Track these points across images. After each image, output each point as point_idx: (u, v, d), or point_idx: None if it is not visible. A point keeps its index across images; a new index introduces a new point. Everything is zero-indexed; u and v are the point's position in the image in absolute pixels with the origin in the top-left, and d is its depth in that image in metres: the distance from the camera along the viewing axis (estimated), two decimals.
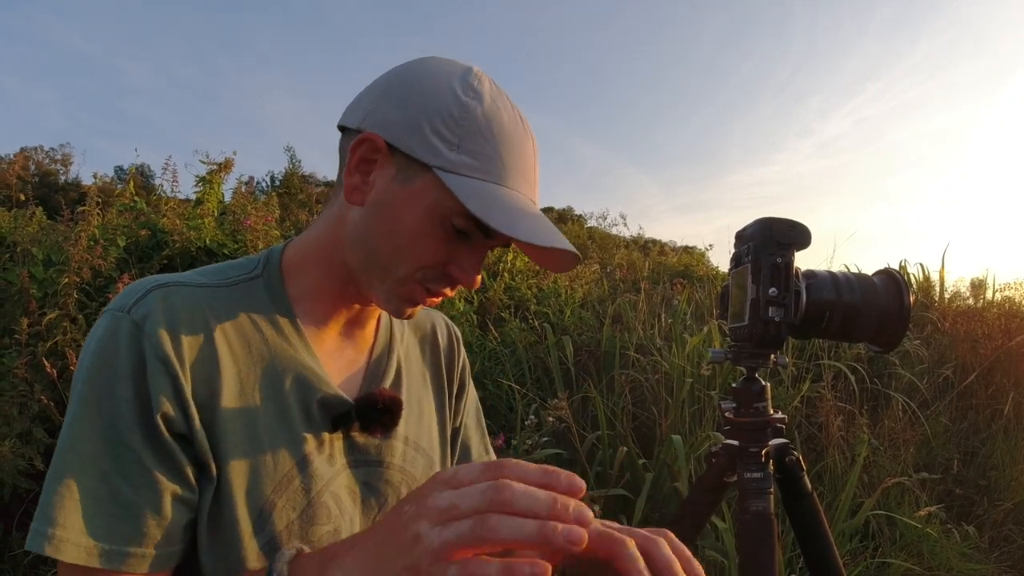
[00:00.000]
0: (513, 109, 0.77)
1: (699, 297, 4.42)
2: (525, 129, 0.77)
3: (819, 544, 1.12)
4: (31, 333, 2.39)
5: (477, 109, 0.73)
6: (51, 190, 16.00)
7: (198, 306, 0.73)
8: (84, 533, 0.63)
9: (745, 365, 1.12)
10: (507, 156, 0.74)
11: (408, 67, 0.78)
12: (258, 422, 0.74)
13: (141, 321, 0.68)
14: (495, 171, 0.73)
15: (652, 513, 2.33)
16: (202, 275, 0.78)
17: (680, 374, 2.85)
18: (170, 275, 0.77)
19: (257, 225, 3.18)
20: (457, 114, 0.72)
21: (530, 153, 0.77)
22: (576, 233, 11.55)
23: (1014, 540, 3.00)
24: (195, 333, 0.72)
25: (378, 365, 0.89)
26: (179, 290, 0.73)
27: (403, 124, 0.73)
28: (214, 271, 0.80)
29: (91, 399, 0.66)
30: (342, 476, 0.81)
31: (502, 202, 0.71)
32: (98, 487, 0.65)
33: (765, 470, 1.08)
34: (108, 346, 0.67)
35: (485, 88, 0.75)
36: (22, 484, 2.25)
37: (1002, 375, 3.94)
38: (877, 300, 1.07)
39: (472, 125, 0.72)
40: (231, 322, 0.76)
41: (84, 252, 2.61)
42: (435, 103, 0.73)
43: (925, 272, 5.39)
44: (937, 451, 3.42)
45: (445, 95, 0.73)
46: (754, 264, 1.05)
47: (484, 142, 0.72)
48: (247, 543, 0.72)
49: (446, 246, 0.74)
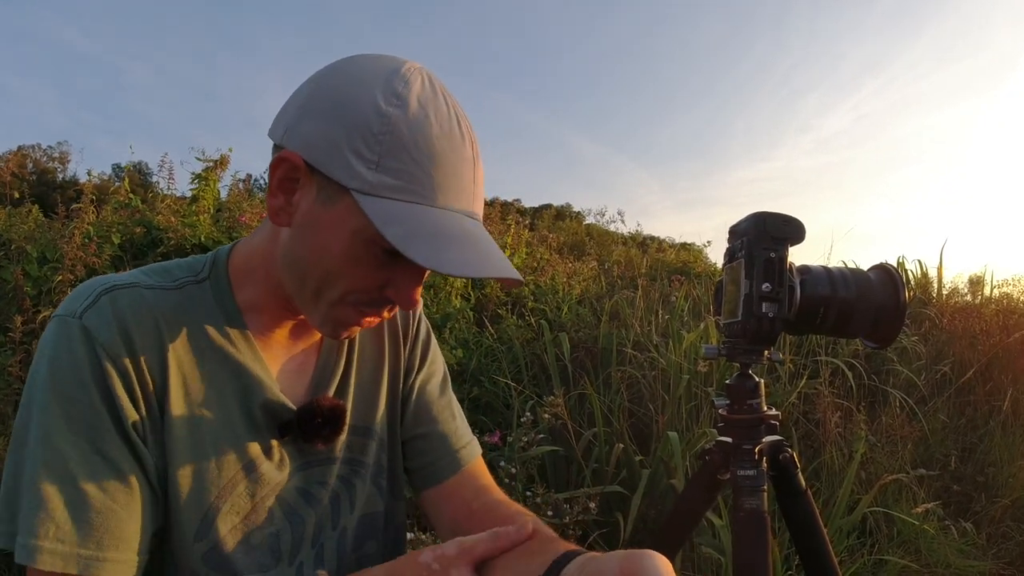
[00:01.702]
0: (449, 110, 0.69)
1: (697, 294, 4.42)
2: (462, 133, 0.69)
3: (814, 542, 1.11)
4: (25, 331, 2.38)
5: (400, 119, 0.65)
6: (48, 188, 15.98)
7: (147, 310, 0.72)
8: (61, 541, 0.62)
9: (739, 361, 1.11)
10: (436, 170, 0.66)
11: (332, 71, 0.71)
12: (203, 428, 0.73)
13: (93, 328, 0.67)
14: (420, 190, 0.66)
15: (648, 510, 2.32)
16: (148, 275, 0.76)
17: (677, 371, 2.84)
18: (118, 276, 0.75)
19: (252, 222, 3.17)
20: (376, 128, 0.65)
21: (467, 160, 0.69)
22: (574, 230, 11.54)
23: (1012, 537, 2.99)
24: (145, 339, 0.70)
25: (326, 366, 0.87)
26: (128, 293, 0.71)
27: (321, 142, 0.67)
28: (159, 271, 0.78)
29: (56, 407, 0.65)
30: (294, 479, 0.81)
31: (427, 227, 0.64)
32: (74, 495, 0.64)
33: (759, 467, 1.07)
34: (65, 353, 0.66)
35: (413, 91, 0.67)
36: None
37: (1000, 371, 3.93)
38: (872, 296, 1.06)
39: (393, 139, 0.65)
40: (178, 327, 0.74)
41: (78, 249, 2.61)
42: (354, 116, 0.66)
43: (923, 268, 5.39)
44: (935, 447, 3.42)
45: (365, 106, 0.66)
46: (748, 259, 1.04)
47: (407, 157, 0.65)
48: (189, 548, 0.72)
49: (378, 270, 0.69)
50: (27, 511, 0.63)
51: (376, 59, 0.71)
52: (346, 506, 0.87)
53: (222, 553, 0.74)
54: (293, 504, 0.81)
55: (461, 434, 0.98)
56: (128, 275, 0.76)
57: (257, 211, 3.38)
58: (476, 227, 0.69)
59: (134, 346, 0.69)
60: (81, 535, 0.63)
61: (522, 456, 2.34)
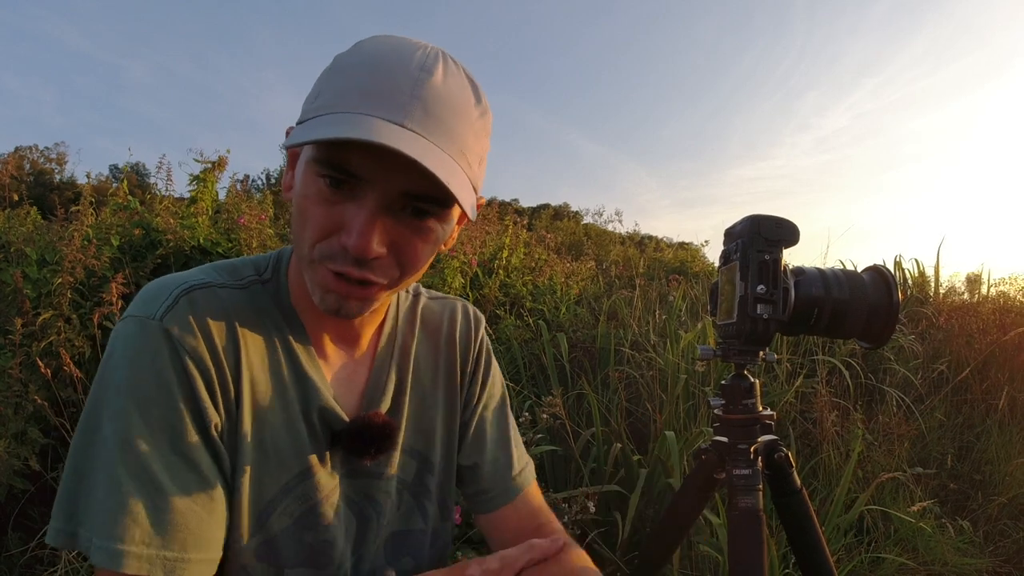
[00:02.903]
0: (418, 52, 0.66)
1: (695, 293, 4.43)
2: (409, 54, 0.65)
3: (809, 540, 1.13)
4: (25, 333, 2.39)
5: (344, 55, 0.68)
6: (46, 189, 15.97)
7: (223, 310, 0.73)
8: (147, 544, 0.63)
9: (734, 362, 1.12)
10: (364, 80, 0.64)
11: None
12: (267, 429, 0.75)
13: (176, 330, 0.67)
14: (341, 102, 0.64)
15: (646, 509, 2.33)
16: (219, 273, 0.77)
17: (675, 370, 2.85)
18: (190, 274, 0.75)
19: (251, 224, 3.17)
20: (324, 70, 0.68)
21: (407, 72, 0.64)
22: (572, 230, 11.56)
23: (1009, 535, 3.00)
24: (224, 340, 0.71)
25: (378, 379, 0.86)
26: (204, 293, 0.72)
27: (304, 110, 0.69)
28: (228, 269, 0.79)
29: (135, 410, 0.65)
30: (342, 487, 0.82)
31: (337, 123, 0.62)
32: (156, 497, 0.64)
33: (754, 467, 1.09)
34: (146, 356, 0.66)
35: (375, 40, 0.68)
36: (17, 484, 2.25)
37: (997, 370, 3.94)
38: (866, 296, 1.07)
39: (332, 71, 0.67)
40: (249, 327, 0.75)
41: (78, 252, 2.61)
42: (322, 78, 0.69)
43: (920, 267, 5.40)
44: (932, 446, 3.43)
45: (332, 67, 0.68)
46: (742, 261, 1.05)
47: (337, 78, 0.66)
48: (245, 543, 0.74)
49: (328, 209, 0.66)
50: (108, 515, 0.63)
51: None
52: (389, 521, 0.87)
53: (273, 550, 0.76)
54: (340, 512, 0.82)
55: (515, 461, 0.98)
56: (199, 272, 0.76)
57: (255, 212, 3.38)
58: (397, 132, 0.62)
59: (215, 348, 0.70)
60: (165, 537, 0.64)
61: None
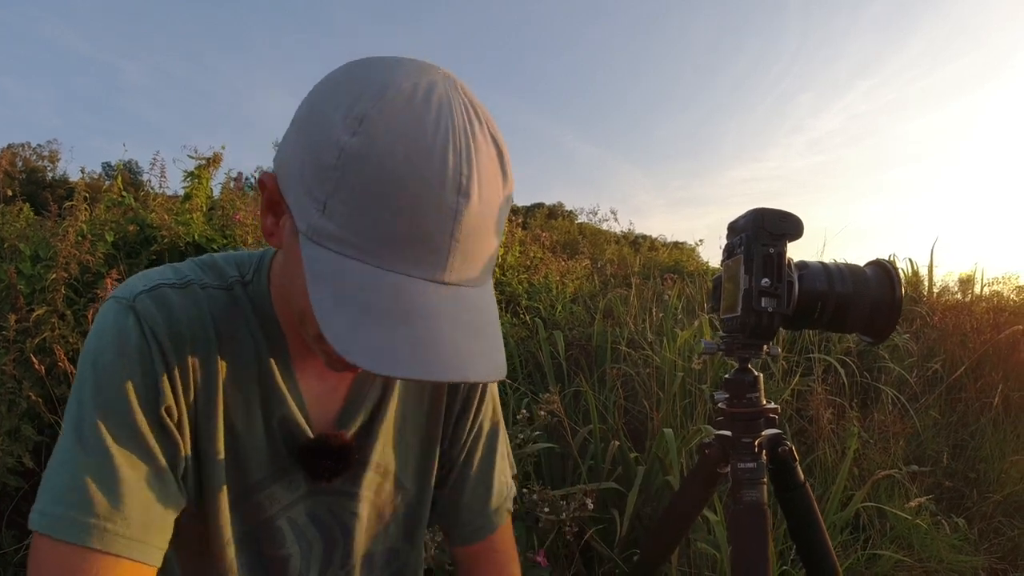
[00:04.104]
0: (436, 141, 0.54)
1: (690, 292, 4.43)
2: (447, 175, 0.54)
3: (812, 534, 1.12)
4: (19, 329, 2.37)
5: (355, 152, 0.54)
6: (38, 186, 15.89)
7: (200, 310, 0.71)
8: (84, 513, 0.61)
9: (737, 356, 1.12)
10: (390, 220, 0.54)
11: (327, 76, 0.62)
12: (236, 435, 0.73)
13: (146, 311, 0.67)
14: (365, 243, 0.55)
15: (644, 507, 2.33)
16: (203, 271, 0.75)
17: (671, 368, 2.85)
18: (176, 269, 0.74)
19: (247, 220, 3.16)
20: (328, 159, 0.55)
21: (443, 209, 0.54)
22: (567, 229, 11.55)
23: (1003, 532, 3.01)
24: (194, 337, 0.70)
25: (357, 395, 0.82)
26: (184, 292, 0.71)
27: (290, 167, 0.59)
28: (212, 267, 0.76)
29: (93, 376, 0.65)
30: (304, 503, 0.80)
31: (358, 295, 0.54)
32: (102, 466, 0.62)
33: (758, 460, 1.08)
34: (111, 327, 0.67)
35: (387, 114, 0.54)
36: (11, 482, 2.23)
37: (991, 368, 3.96)
38: (869, 291, 1.07)
39: (343, 177, 0.54)
40: (225, 330, 0.73)
41: (72, 248, 2.59)
42: (315, 139, 0.56)
43: (914, 267, 5.42)
44: (927, 444, 3.44)
45: (326, 128, 0.56)
46: (747, 255, 1.05)
47: (355, 201, 0.54)
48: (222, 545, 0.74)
49: None
50: (53, 481, 0.62)
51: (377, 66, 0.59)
52: (358, 541, 0.85)
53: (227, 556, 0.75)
54: (303, 527, 0.80)
55: (495, 496, 0.94)
56: (184, 268, 0.75)
57: (251, 208, 3.37)
58: (441, 302, 0.56)
59: (182, 341, 0.68)
60: (104, 510, 0.62)
61: (518, 453, 2.34)
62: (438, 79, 0.58)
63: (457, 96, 0.57)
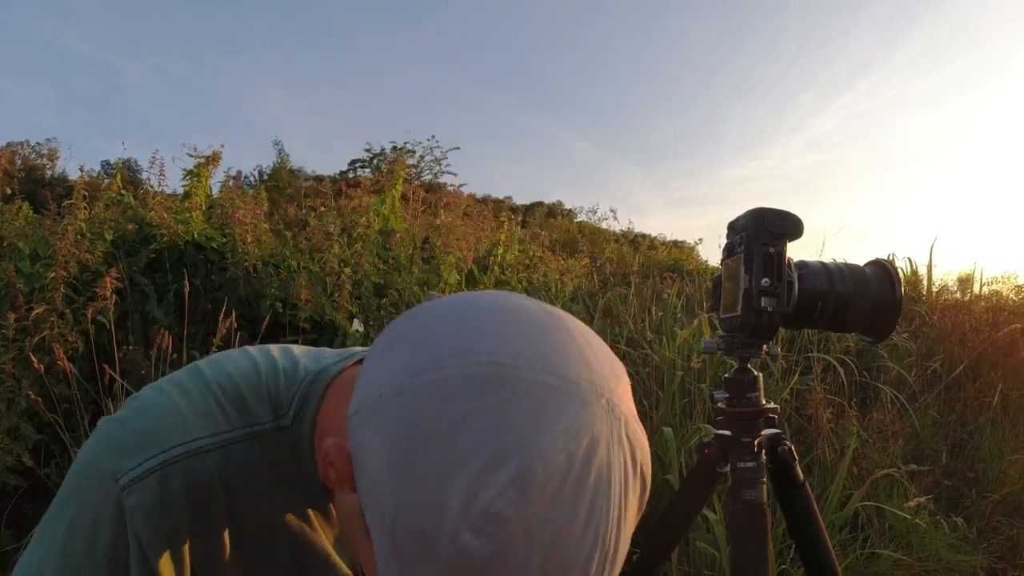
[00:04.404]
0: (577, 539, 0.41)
1: (689, 291, 4.43)
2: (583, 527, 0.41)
3: (812, 533, 1.13)
4: (18, 328, 2.37)
5: (478, 556, 0.40)
6: (38, 185, 15.86)
7: (207, 479, 0.58)
8: None
9: (737, 356, 1.12)
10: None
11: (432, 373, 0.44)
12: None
13: (132, 511, 0.55)
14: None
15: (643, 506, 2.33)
16: (221, 412, 0.60)
17: (671, 367, 2.85)
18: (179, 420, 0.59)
19: (246, 219, 3.16)
20: (438, 544, 0.40)
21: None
22: (566, 227, 11.55)
23: (1002, 531, 3.02)
24: (195, 521, 0.58)
25: None
26: (189, 467, 0.57)
27: (376, 501, 0.44)
28: (235, 399, 0.62)
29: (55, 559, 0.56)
30: None
31: None
32: None
33: (758, 460, 1.08)
34: (93, 516, 0.56)
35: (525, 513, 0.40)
36: (10, 481, 2.23)
37: (990, 368, 3.96)
38: (869, 290, 1.07)
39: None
40: (243, 495, 0.60)
41: (71, 246, 2.59)
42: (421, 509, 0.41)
43: (913, 266, 5.42)
44: (926, 443, 3.44)
45: (439, 496, 0.40)
46: (747, 254, 1.05)
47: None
48: None
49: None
50: None
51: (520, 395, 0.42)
52: None
53: None
54: None
55: None
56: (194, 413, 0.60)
57: (250, 207, 3.37)
58: None
59: (175, 535, 0.58)
60: None
61: None
62: (602, 432, 0.43)
63: (619, 453, 0.44)
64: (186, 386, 0.62)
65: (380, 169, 12.24)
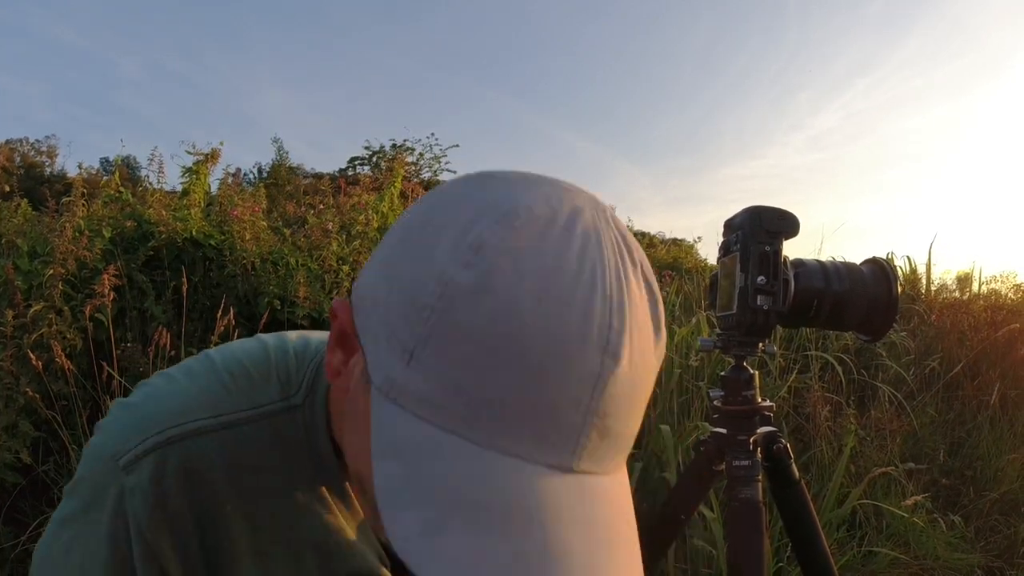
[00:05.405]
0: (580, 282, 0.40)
1: (688, 289, 4.44)
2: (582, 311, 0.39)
3: (807, 531, 1.13)
4: (16, 325, 2.37)
5: (462, 290, 0.39)
6: (36, 182, 15.85)
7: (208, 463, 0.57)
8: None
9: (733, 354, 1.12)
10: (504, 379, 0.39)
11: (433, 193, 0.48)
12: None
13: (131, 492, 0.55)
14: (463, 411, 0.39)
15: (641, 503, 2.33)
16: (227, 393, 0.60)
17: (668, 365, 2.85)
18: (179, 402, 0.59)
19: (244, 216, 3.16)
20: (425, 297, 0.40)
21: (583, 374, 0.39)
22: None
23: (1000, 530, 3.02)
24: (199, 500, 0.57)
25: None
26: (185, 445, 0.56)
27: (374, 297, 0.45)
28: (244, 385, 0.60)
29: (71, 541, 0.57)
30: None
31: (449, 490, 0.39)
32: None
33: (753, 458, 1.09)
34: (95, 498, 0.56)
35: (511, 243, 0.40)
36: (8, 478, 2.23)
37: (988, 367, 3.96)
38: (865, 289, 1.07)
39: (441, 320, 0.40)
40: (249, 475, 0.59)
41: (69, 243, 2.59)
42: (406, 271, 0.43)
43: (912, 265, 5.42)
44: (924, 442, 3.45)
45: (428, 253, 0.42)
46: (743, 252, 1.05)
47: (455, 354, 0.39)
48: None
49: None
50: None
51: (502, 182, 0.45)
52: None
53: None
54: None
55: None
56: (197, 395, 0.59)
57: (249, 204, 3.36)
58: (564, 498, 0.40)
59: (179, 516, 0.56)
60: None
61: None
62: (584, 204, 0.44)
63: (608, 229, 0.44)
64: (193, 370, 0.62)
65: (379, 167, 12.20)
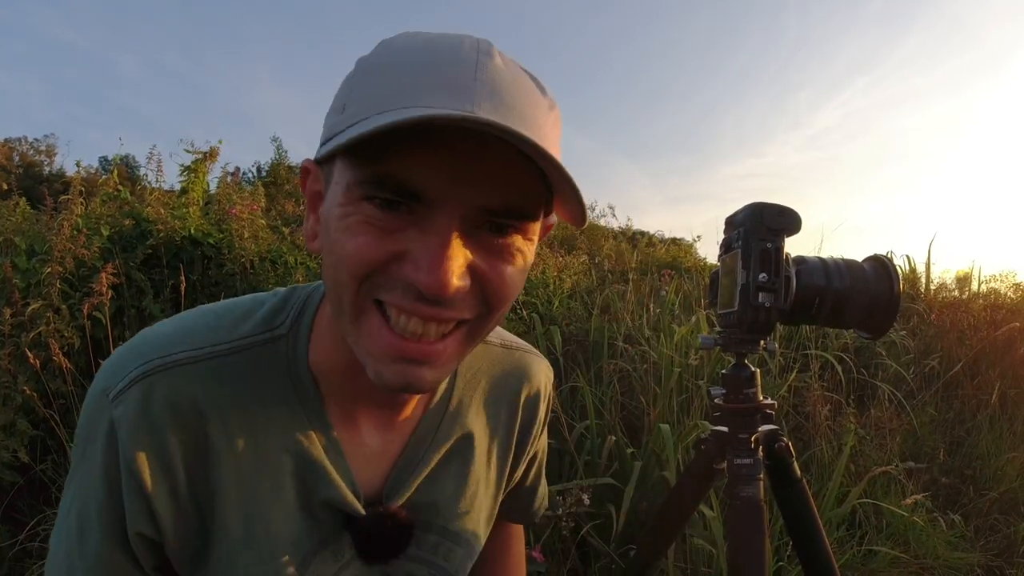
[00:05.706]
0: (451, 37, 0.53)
1: (687, 288, 4.43)
2: (456, 41, 0.53)
3: (808, 530, 1.12)
4: (14, 324, 2.36)
5: (374, 56, 0.55)
6: (35, 181, 15.84)
7: (189, 396, 0.61)
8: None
9: (734, 351, 1.12)
10: (411, 72, 0.50)
11: None
12: (257, 523, 0.64)
13: (119, 422, 0.59)
14: (390, 100, 0.50)
15: (640, 502, 2.33)
16: (211, 327, 0.64)
17: (668, 363, 2.85)
18: (166, 337, 0.63)
19: (243, 214, 3.15)
20: (349, 76, 0.56)
21: (454, 52, 0.51)
22: (564, 224, 11.50)
23: (999, 529, 3.02)
24: (183, 432, 0.61)
25: (414, 455, 0.72)
26: (168, 376, 0.60)
27: (323, 133, 0.57)
28: (229, 318, 0.65)
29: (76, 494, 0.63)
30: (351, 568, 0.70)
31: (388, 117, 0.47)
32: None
33: (755, 456, 1.08)
34: (90, 433, 0.61)
35: (404, 35, 0.55)
36: (6, 477, 2.23)
37: (988, 366, 3.96)
38: (867, 286, 1.06)
39: (359, 72, 0.55)
40: (231, 406, 0.62)
41: (67, 242, 2.58)
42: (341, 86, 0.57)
43: (911, 264, 5.41)
44: (924, 441, 3.44)
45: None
46: (744, 250, 1.04)
47: (372, 79, 0.53)
48: None
49: (380, 238, 0.51)
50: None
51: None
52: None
53: None
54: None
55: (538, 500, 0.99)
56: (181, 330, 0.64)
57: (247, 202, 3.35)
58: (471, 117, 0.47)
59: (164, 447, 0.60)
60: None
61: None
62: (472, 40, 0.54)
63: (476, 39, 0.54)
64: (185, 314, 0.67)
65: None
